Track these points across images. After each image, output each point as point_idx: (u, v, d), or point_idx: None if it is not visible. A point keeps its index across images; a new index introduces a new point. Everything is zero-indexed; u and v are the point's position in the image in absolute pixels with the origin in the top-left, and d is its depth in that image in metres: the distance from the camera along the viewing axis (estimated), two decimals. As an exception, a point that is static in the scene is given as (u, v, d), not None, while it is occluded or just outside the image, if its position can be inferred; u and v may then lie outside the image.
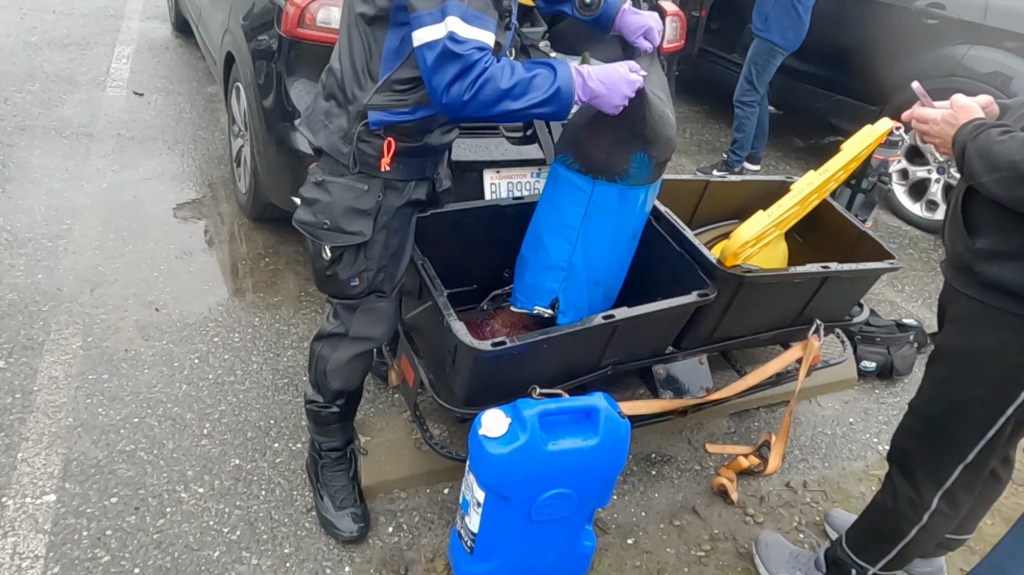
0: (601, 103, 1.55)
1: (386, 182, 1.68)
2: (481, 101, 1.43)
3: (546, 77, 1.47)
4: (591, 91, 1.52)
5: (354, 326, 1.82)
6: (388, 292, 1.81)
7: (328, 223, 1.67)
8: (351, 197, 1.66)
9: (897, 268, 2.33)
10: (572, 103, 1.51)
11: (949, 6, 3.97)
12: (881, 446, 2.60)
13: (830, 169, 1.99)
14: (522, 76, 1.45)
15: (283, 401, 2.37)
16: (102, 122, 3.96)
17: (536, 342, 1.78)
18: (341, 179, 1.66)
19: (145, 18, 5.67)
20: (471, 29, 1.41)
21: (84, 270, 2.81)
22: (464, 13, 1.41)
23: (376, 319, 1.83)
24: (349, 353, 1.84)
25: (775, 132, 5.41)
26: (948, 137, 1.48)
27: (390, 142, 1.62)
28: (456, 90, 1.41)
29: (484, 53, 1.43)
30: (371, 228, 1.68)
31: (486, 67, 1.42)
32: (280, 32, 2.60)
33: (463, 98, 1.41)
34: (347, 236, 1.68)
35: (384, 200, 1.68)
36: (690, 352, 2.25)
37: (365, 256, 1.71)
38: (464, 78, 1.41)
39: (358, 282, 1.75)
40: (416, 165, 1.73)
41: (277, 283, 2.94)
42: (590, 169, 1.79)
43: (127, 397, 2.29)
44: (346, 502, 1.97)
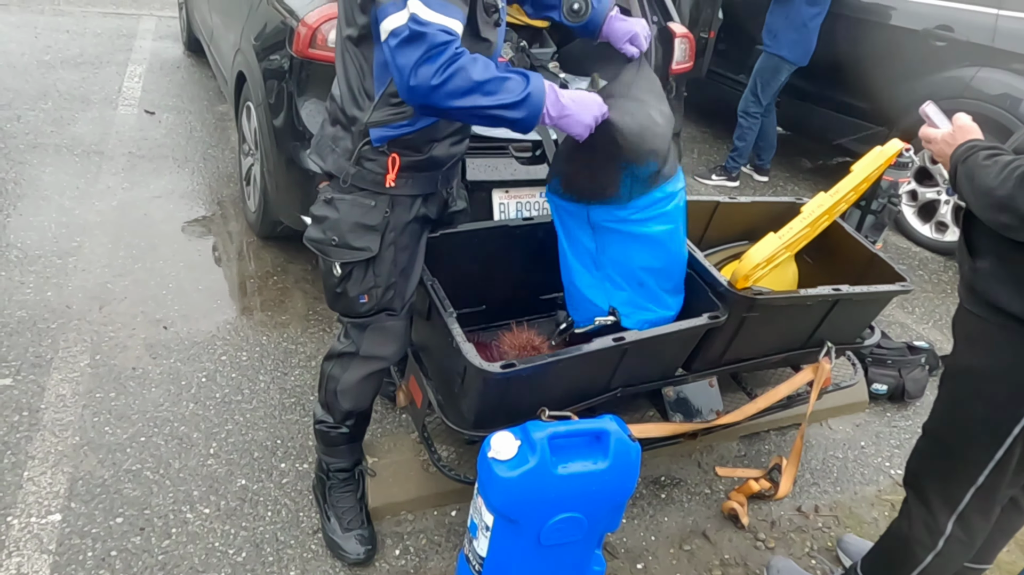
0: (569, 123, 1.53)
1: (393, 198, 1.68)
2: (451, 89, 1.38)
3: (519, 82, 1.45)
4: (562, 107, 1.50)
5: (364, 345, 1.81)
6: (398, 310, 1.80)
7: (336, 239, 1.68)
8: (359, 213, 1.67)
9: (908, 291, 2.31)
10: (540, 113, 1.47)
11: (957, 28, 3.98)
12: (893, 470, 2.57)
13: (841, 191, 1.98)
14: (495, 74, 1.42)
15: (290, 421, 2.36)
16: (113, 140, 3.99)
17: (546, 364, 1.77)
18: (349, 196, 1.67)
19: (157, 38, 5.73)
20: (433, 13, 1.38)
21: (93, 287, 2.81)
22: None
23: (386, 338, 1.82)
24: (360, 373, 1.84)
25: (784, 152, 5.42)
26: (947, 157, 1.49)
27: (394, 158, 1.63)
28: (425, 72, 1.36)
29: (452, 38, 1.39)
30: (378, 244, 1.68)
31: (457, 54, 1.39)
32: (291, 52, 2.62)
33: (432, 81, 1.36)
34: (355, 252, 1.68)
35: (392, 216, 1.69)
36: (700, 374, 2.23)
37: (374, 273, 1.72)
38: (433, 60, 1.36)
39: (367, 299, 1.74)
40: (424, 180, 1.73)
41: (285, 302, 2.94)
42: (581, 196, 1.82)
43: (134, 416, 2.28)
44: (353, 523, 1.95)
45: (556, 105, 1.50)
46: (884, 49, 4.29)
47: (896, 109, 4.23)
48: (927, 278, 3.96)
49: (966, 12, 3.98)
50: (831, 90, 4.60)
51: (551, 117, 1.51)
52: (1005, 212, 1.32)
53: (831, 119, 4.66)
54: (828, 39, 4.57)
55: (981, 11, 3.91)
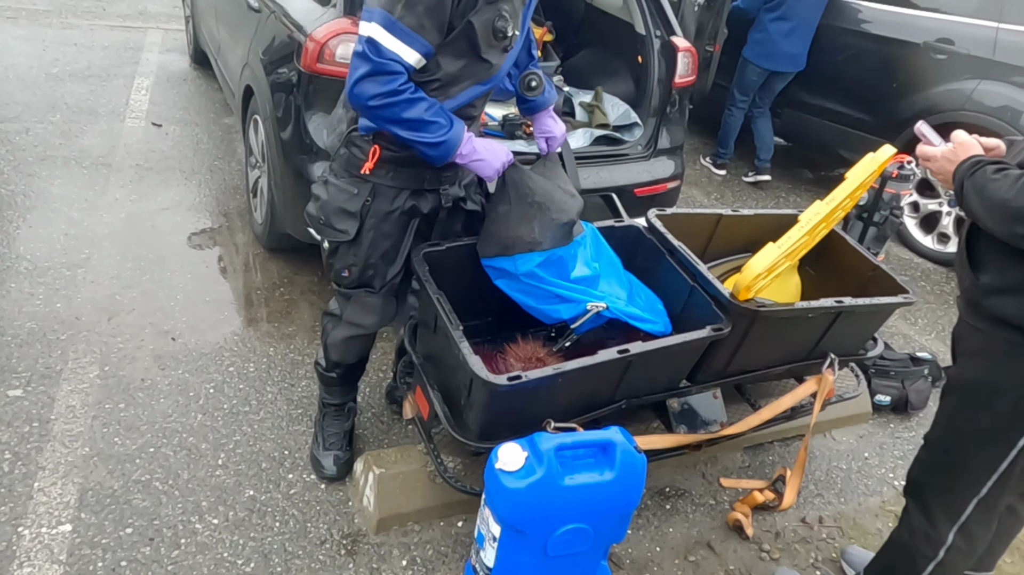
0: (479, 166, 1.80)
1: (376, 187, 1.84)
2: (381, 114, 1.62)
3: (441, 128, 1.67)
4: (474, 151, 1.76)
5: (347, 312, 2.04)
6: (376, 289, 1.99)
7: (323, 219, 1.89)
8: (343, 198, 1.86)
9: (911, 302, 2.32)
10: (451, 156, 1.72)
11: (958, 42, 4.01)
12: (897, 481, 2.58)
13: (836, 198, 2.00)
14: (424, 117, 1.64)
15: (297, 431, 2.38)
16: (121, 152, 4.03)
17: (551, 376, 1.78)
18: (339, 181, 1.87)
19: (164, 51, 5.78)
20: (392, 39, 1.56)
21: (102, 299, 2.84)
22: (389, 24, 1.55)
23: (364, 310, 2.02)
24: (343, 334, 2.06)
25: (785, 164, 5.45)
26: (949, 173, 1.51)
27: (376, 148, 1.79)
28: (366, 89, 1.58)
29: (400, 72, 1.59)
30: (355, 229, 1.86)
31: (400, 90, 1.59)
32: (299, 67, 2.65)
33: (369, 102, 1.59)
34: (336, 233, 1.89)
35: (372, 204, 1.85)
36: (704, 386, 2.25)
37: (353, 253, 1.91)
38: (379, 83, 1.57)
39: (348, 274, 1.95)
40: (409, 175, 1.85)
41: (292, 313, 2.96)
42: (505, 249, 1.96)
43: (143, 426, 2.30)
44: (333, 446, 2.21)
45: (468, 148, 1.76)
46: (884, 62, 4.32)
47: (897, 121, 4.26)
48: (929, 289, 3.98)
49: (966, 25, 4.01)
50: (832, 102, 4.63)
51: (463, 158, 1.76)
52: (1021, 223, 1.34)
53: (832, 131, 4.69)
54: (829, 51, 4.62)
55: (981, 24, 3.94)
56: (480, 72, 1.77)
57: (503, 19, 1.69)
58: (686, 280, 2.16)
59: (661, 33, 3.16)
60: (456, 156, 1.73)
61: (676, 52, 3.12)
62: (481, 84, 1.81)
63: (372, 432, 2.43)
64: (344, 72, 2.57)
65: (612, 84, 3.43)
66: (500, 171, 1.84)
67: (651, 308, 2.13)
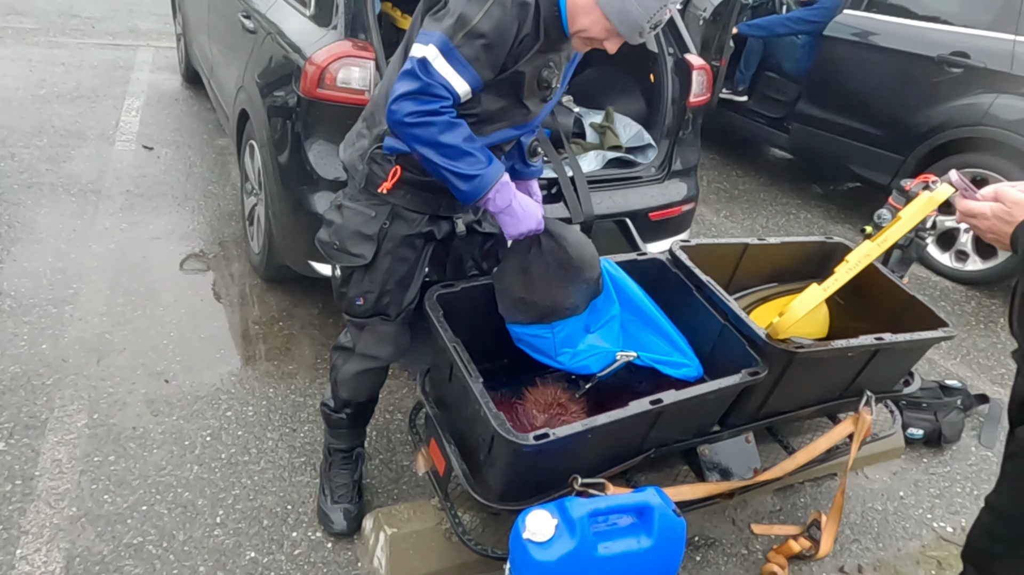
0: (505, 220, 1.69)
1: (394, 210, 1.78)
2: (416, 134, 1.52)
3: (479, 162, 1.57)
4: (507, 204, 1.65)
5: (360, 344, 1.93)
6: (392, 316, 1.89)
7: (337, 243, 1.81)
8: (359, 221, 1.79)
9: (951, 337, 2.19)
10: (482, 196, 1.60)
11: (973, 55, 3.90)
12: (936, 523, 2.44)
13: (889, 239, 1.87)
14: (462, 145, 1.54)
15: (300, 482, 2.22)
16: (111, 178, 3.87)
17: (580, 433, 1.64)
18: (354, 204, 1.80)
19: (155, 69, 5.64)
20: (446, 66, 1.51)
21: (91, 339, 2.68)
22: (447, 50, 1.50)
23: (380, 340, 1.92)
24: (356, 368, 1.94)
25: (794, 179, 5.34)
26: (1004, 235, 1.37)
27: (397, 169, 1.72)
28: (405, 106, 1.50)
29: (446, 97, 1.51)
30: (372, 252, 1.78)
31: (442, 111, 1.51)
32: (298, 92, 2.51)
33: (405, 118, 1.51)
34: (351, 258, 1.80)
35: (390, 227, 1.79)
36: (736, 430, 2.11)
37: (369, 279, 1.83)
38: (418, 103, 1.50)
39: (362, 302, 1.86)
40: (427, 200, 1.80)
41: (292, 349, 2.81)
42: (543, 317, 1.85)
43: (135, 481, 2.14)
44: (343, 498, 2.07)
45: (504, 199, 1.64)
46: (898, 76, 4.21)
47: (911, 137, 4.15)
48: (950, 309, 3.85)
49: (982, 38, 3.90)
50: (844, 117, 4.51)
51: (495, 205, 1.65)
52: None
53: (843, 146, 4.57)
54: (840, 65, 4.51)
55: (998, 37, 3.84)
56: (517, 116, 1.74)
57: (550, 69, 1.68)
58: (716, 318, 2.02)
59: (674, 50, 3.03)
60: (486, 199, 1.62)
61: (691, 70, 3.00)
62: (515, 128, 1.77)
63: (381, 481, 2.28)
64: (346, 98, 2.48)
65: (623, 104, 3.30)
66: (524, 236, 1.74)
67: (680, 350, 1.99)
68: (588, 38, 1.61)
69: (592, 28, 1.58)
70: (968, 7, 4.07)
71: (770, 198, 4.98)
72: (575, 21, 1.59)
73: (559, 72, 1.72)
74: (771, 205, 4.88)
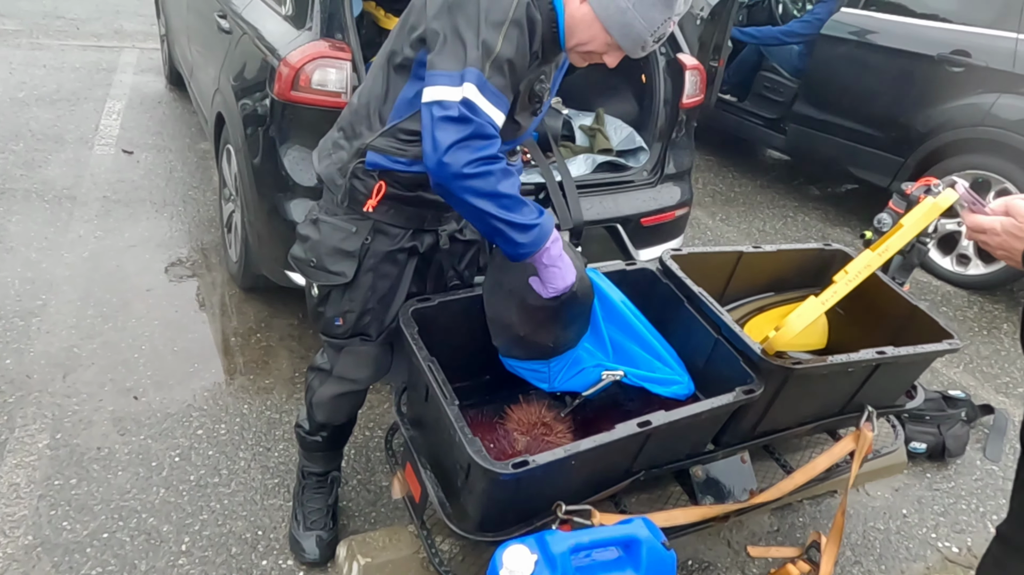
0: (553, 274, 1.53)
1: (376, 225, 1.67)
2: (475, 186, 1.36)
3: (532, 212, 1.45)
4: (559, 254, 1.52)
5: (338, 366, 1.83)
6: (373, 336, 1.79)
7: (315, 261, 1.70)
8: (338, 238, 1.67)
9: (957, 349, 2.08)
10: (541, 247, 1.47)
11: (975, 54, 3.80)
12: (940, 543, 2.33)
13: (891, 249, 1.76)
14: (517, 195, 1.42)
15: (273, 506, 2.11)
16: (87, 183, 3.76)
17: (562, 459, 1.53)
18: (332, 219, 1.68)
19: (139, 71, 5.52)
20: (486, 103, 1.37)
21: (57, 353, 2.57)
22: (481, 84, 1.36)
23: (359, 362, 1.82)
24: (332, 391, 1.85)
25: (790, 181, 5.24)
26: (1016, 252, 1.26)
27: (381, 185, 1.62)
28: (460, 157, 1.34)
29: (495, 134, 1.39)
30: (353, 270, 1.67)
31: (499, 157, 1.38)
32: (272, 95, 2.40)
33: (464, 169, 1.34)
34: (330, 276, 1.69)
35: (372, 244, 1.68)
36: (731, 450, 2.00)
37: (349, 298, 1.72)
38: (474, 150, 1.34)
39: (342, 322, 1.75)
40: (411, 215, 1.71)
41: (269, 362, 2.70)
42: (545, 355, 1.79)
43: (97, 506, 2.03)
44: (316, 524, 1.97)
45: (557, 250, 1.51)
46: (897, 75, 4.11)
47: (911, 138, 4.04)
48: (952, 315, 3.75)
49: (983, 36, 3.80)
50: (842, 118, 4.41)
51: (548, 258, 1.50)
52: None
53: (841, 148, 4.46)
54: (837, 64, 4.41)
55: (1000, 35, 3.73)
56: (508, 133, 1.61)
57: (541, 83, 1.61)
58: (709, 332, 1.91)
59: (667, 50, 2.92)
60: (542, 251, 1.47)
61: (684, 70, 2.89)
62: (506, 144, 1.63)
63: (357, 504, 2.17)
64: (322, 100, 2.37)
65: (614, 105, 3.20)
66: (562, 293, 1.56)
67: (670, 366, 1.88)
68: (587, 52, 1.51)
69: (592, 42, 1.48)
70: (969, 5, 3.97)
71: (767, 201, 4.88)
72: (573, 35, 1.48)
73: (549, 83, 1.64)
74: (768, 208, 4.78)
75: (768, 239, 4.33)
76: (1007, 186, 3.72)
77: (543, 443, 1.83)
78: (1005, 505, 2.48)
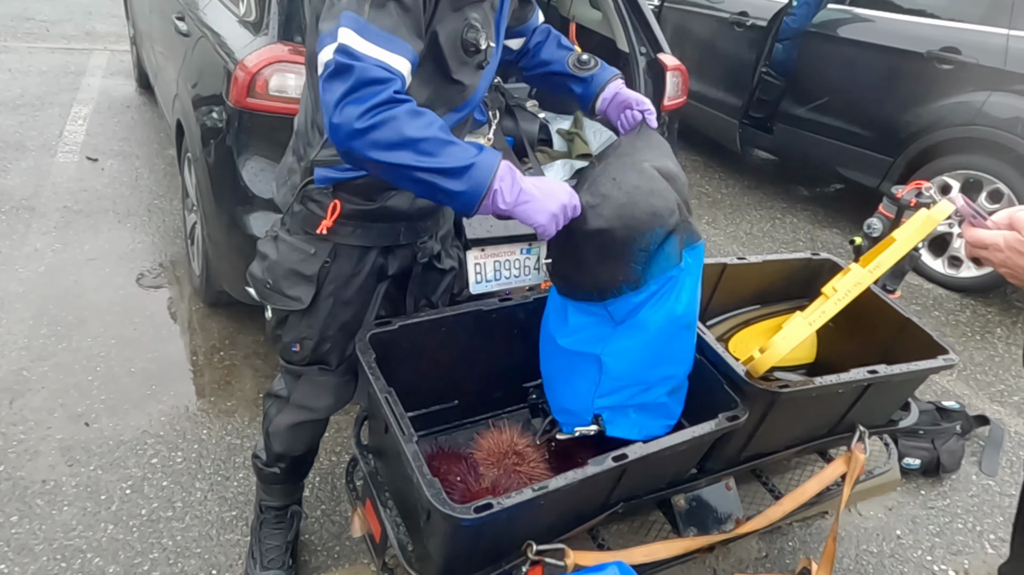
0: (528, 210, 1.26)
1: (337, 247, 1.54)
2: (376, 138, 1.16)
3: (465, 149, 1.21)
4: (520, 190, 1.25)
5: (296, 394, 1.70)
6: (333, 365, 1.67)
7: (270, 283, 1.57)
8: (296, 259, 1.54)
9: (952, 365, 1.97)
10: (485, 188, 1.21)
11: (964, 51, 3.70)
12: (936, 566, 2.22)
13: (883, 265, 1.64)
14: (437, 135, 1.18)
15: (229, 542, 1.98)
16: (47, 193, 3.61)
17: (531, 500, 1.41)
18: (292, 238, 1.55)
19: (108, 74, 5.36)
20: (368, 44, 1.18)
21: (5, 376, 2.43)
22: (360, 27, 1.18)
23: (317, 391, 1.69)
24: (290, 419, 1.72)
25: (778, 180, 5.14)
26: (1021, 270, 1.15)
27: (335, 204, 1.47)
28: (350, 112, 1.15)
29: (390, 76, 1.17)
30: (310, 295, 1.55)
31: (395, 99, 1.17)
32: (228, 101, 2.26)
33: (354, 125, 1.15)
34: (285, 300, 1.57)
35: (333, 266, 1.55)
36: (715, 476, 1.89)
37: (307, 324, 1.59)
38: (362, 101, 1.15)
39: (299, 348, 1.63)
40: (379, 231, 1.56)
41: (232, 383, 2.56)
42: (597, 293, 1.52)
43: (38, 546, 1.89)
44: (273, 563, 1.85)
45: (512, 187, 1.24)
46: (886, 73, 4.00)
47: (900, 138, 3.94)
48: (944, 319, 3.65)
49: (973, 33, 3.70)
50: (830, 117, 4.30)
51: (504, 200, 1.24)
52: None
53: (829, 147, 4.35)
54: (824, 62, 4.31)
55: (990, 31, 3.63)
56: (453, 95, 1.42)
57: (473, 29, 1.35)
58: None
59: (647, 50, 2.81)
60: (492, 192, 1.22)
61: (664, 71, 2.77)
62: (456, 111, 1.46)
63: (321, 537, 2.04)
64: (280, 107, 2.23)
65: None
66: (559, 219, 1.31)
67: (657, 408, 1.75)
68: None
69: None
70: (958, 0, 3.87)
71: (754, 202, 4.77)
72: None
73: (487, 29, 1.39)
74: (755, 209, 4.67)
75: (756, 242, 4.22)
76: (999, 186, 3.62)
77: (513, 475, 1.71)
78: (1003, 523, 2.40)
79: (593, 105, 1.68)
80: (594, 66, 1.66)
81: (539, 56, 1.72)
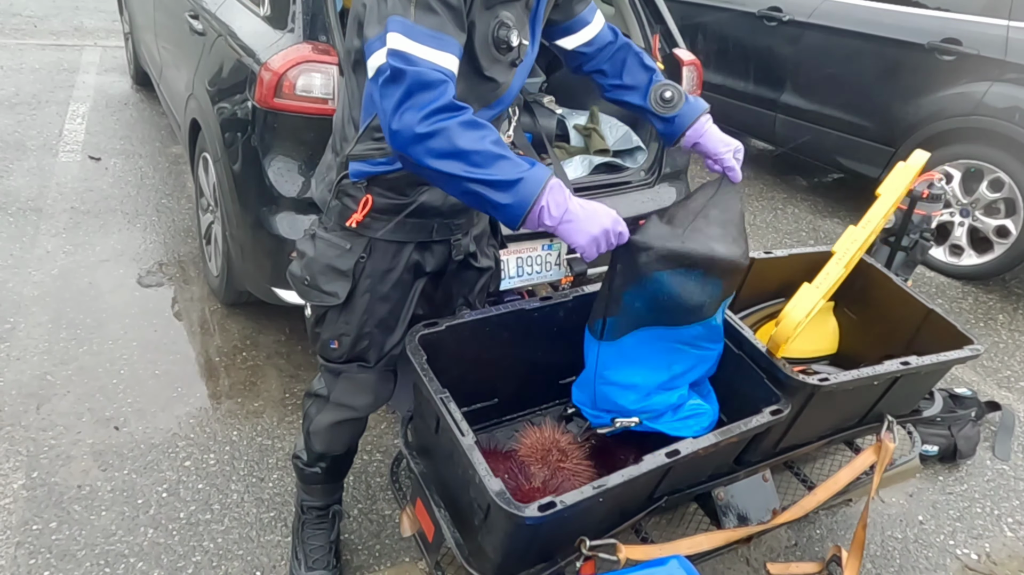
0: (571, 230, 1.28)
1: (372, 242, 1.54)
2: (431, 147, 1.19)
3: (517, 165, 1.22)
4: (566, 209, 1.26)
5: (335, 392, 1.71)
6: (372, 363, 1.67)
7: (308, 279, 1.58)
8: (332, 255, 1.55)
9: (978, 354, 2.03)
10: (531, 203, 1.22)
11: (966, 41, 3.75)
12: (959, 550, 2.28)
13: (872, 220, 1.69)
14: (489, 148, 1.20)
15: (270, 543, 1.99)
16: (53, 194, 3.57)
17: (591, 498, 1.43)
18: (329, 235, 1.56)
19: (103, 71, 5.29)
20: (418, 46, 1.20)
21: (30, 381, 2.41)
22: (407, 29, 1.20)
23: (357, 389, 1.71)
24: (331, 418, 1.73)
25: (778, 171, 5.18)
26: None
27: (367, 199, 1.48)
28: (409, 118, 1.18)
29: (445, 79, 1.20)
30: (346, 291, 1.55)
31: (454, 107, 1.19)
32: (253, 102, 2.25)
33: (415, 130, 1.18)
34: (322, 296, 1.57)
35: (368, 262, 1.55)
36: (753, 468, 1.92)
37: (344, 320, 1.60)
38: (419, 107, 1.17)
39: (337, 345, 1.64)
40: (412, 227, 1.56)
41: (257, 383, 2.56)
42: None
43: (80, 552, 1.89)
44: (319, 563, 1.86)
45: (559, 204, 1.25)
46: (886, 64, 4.05)
47: (901, 128, 3.99)
48: (947, 307, 3.71)
49: (974, 24, 3.75)
50: (831, 108, 4.34)
51: (551, 216, 1.26)
52: None
53: (830, 138, 4.40)
54: (825, 53, 4.34)
55: (991, 22, 3.68)
56: (486, 93, 1.43)
57: (505, 27, 1.36)
58: (731, 348, 1.82)
59: (663, 45, 2.82)
60: (539, 207, 1.23)
61: (680, 66, 2.79)
62: (489, 108, 1.46)
63: (360, 536, 2.05)
64: (308, 108, 2.22)
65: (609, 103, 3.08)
66: (600, 244, 1.32)
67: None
68: None
69: None
70: (958, -8, 3.92)
71: (755, 193, 4.81)
72: None
73: (520, 28, 1.39)
74: (757, 200, 4.71)
75: (760, 233, 4.26)
76: (1000, 175, 3.68)
77: (561, 472, 1.74)
78: (1020, 506, 2.46)
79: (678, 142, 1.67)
80: (677, 102, 1.61)
81: (621, 78, 1.68)
